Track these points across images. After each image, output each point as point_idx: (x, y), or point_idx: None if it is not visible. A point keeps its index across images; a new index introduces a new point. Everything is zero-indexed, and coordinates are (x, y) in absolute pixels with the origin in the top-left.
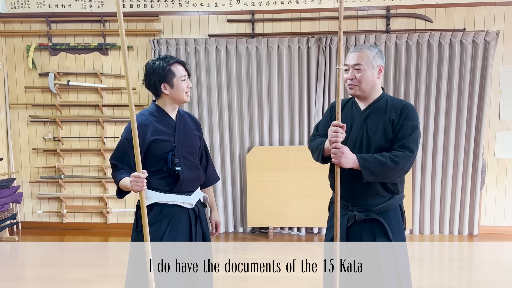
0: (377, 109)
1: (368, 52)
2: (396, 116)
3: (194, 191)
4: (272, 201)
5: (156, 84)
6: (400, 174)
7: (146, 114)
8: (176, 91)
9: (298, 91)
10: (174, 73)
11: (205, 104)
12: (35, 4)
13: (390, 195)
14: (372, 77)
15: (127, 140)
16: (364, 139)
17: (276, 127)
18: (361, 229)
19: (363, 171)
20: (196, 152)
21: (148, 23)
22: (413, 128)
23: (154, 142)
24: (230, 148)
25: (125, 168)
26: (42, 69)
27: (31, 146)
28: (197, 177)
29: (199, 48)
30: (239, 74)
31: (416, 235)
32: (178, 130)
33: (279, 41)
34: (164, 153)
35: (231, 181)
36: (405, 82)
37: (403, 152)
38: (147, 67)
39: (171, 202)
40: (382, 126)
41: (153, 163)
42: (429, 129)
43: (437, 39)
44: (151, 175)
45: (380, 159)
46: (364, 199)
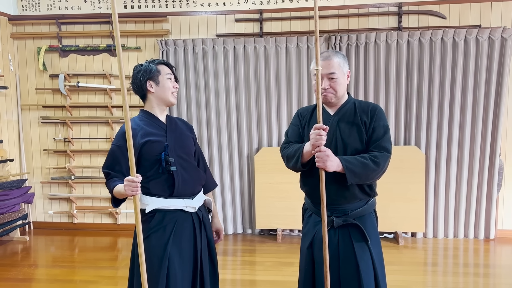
0: (348, 113)
1: (337, 59)
2: (368, 118)
3: (197, 194)
4: (281, 202)
5: (142, 81)
6: (380, 174)
7: (135, 120)
8: (161, 89)
9: (307, 90)
10: (159, 70)
11: (213, 104)
12: (45, 6)
13: (367, 198)
14: (344, 83)
15: (117, 147)
16: (339, 142)
17: (285, 128)
18: (338, 235)
19: (347, 173)
20: (191, 153)
21: (156, 24)
22: (385, 128)
23: (146, 144)
24: (238, 149)
25: (118, 175)
26: (52, 71)
27: (42, 147)
28: (196, 177)
29: (206, 48)
30: (247, 74)
31: (430, 238)
32: (170, 131)
33: (287, 40)
34: (157, 154)
35: (239, 183)
36: (418, 81)
37: (381, 153)
38: (135, 68)
39: (173, 206)
40: (355, 128)
41: (147, 166)
42: (443, 129)
43: (451, 36)
44: (148, 180)
45: (361, 160)
46: (342, 204)
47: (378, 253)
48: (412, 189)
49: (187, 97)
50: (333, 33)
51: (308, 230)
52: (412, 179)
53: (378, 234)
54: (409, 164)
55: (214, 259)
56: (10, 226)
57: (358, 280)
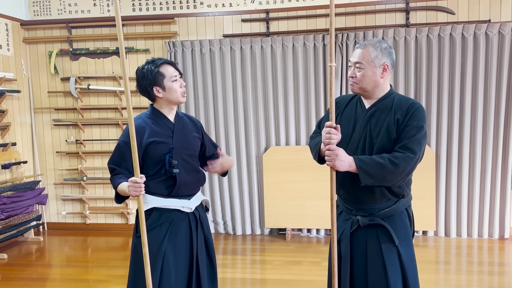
0: (382, 108)
1: (371, 49)
2: (402, 116)
3: (194, 195)
4: (290, 202)
5: (148, 89)
6: (400, 177)
7: (143, 117)
8: (169, 93)
9: (315, 89)
10: (163, 74)
11: (220, 104)
12: (56, 11)
13: (396, 199)
14: (374, 76)
15: (124, 143)
16: (367, 140)
17: (293, 127)
18: (366, 235)
19: (360, 174)
20: (195, 155)
21: (164, 26)
22: (418, 129)
23: (151, 144)
24: (246, 149)
25: (124, 172)
26: (63, 74)
27: (55, 149)
28: (197, 179)
29: (214, 49)
30: (254, 74)
31: (442, 237)
32: (176, 132)
33: (294, 39)
34: (162, 155)
35: (248, 182)
36: (426, 78)
37: (404, 154)
38: (137, 73)
39: (170, 206)
40: (386, 126)
41: (151, 166)
42: (453, 127)
43: (460, 31)
44: (150, 179)
45: (378, 161)
46: (368, 203)
47: (408, 254)
48: (422, 187)
49: (195, 98)
50: (339, 31)
51: (339, 227)
52: (422, 176)
53: (409, 234)
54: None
55: (213, 257)
56: (25, 227)
57: (385, 282)
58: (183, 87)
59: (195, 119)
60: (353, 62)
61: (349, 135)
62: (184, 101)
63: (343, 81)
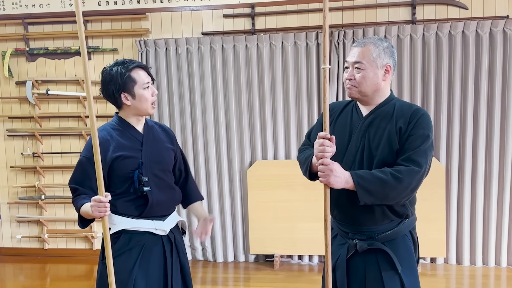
0: (382, 116)
1: (373, 48)
2: (405, 124)
3: (168, 215)
4: (278, 224)
5: (115, 94)
6: (405, 194)
7: (107, 128)
8: (139, 102)
9: (307, 95)
10: (135, 80)
11: (198, 113)
12: (10, 5)
13: (399, 220)
14: (375, 78)
15: (87, 159)
16: (366, 152)
17: (282, 138)
18: (364, 261)
19: (358, 192)
20: (169, 169)
21: (135, 22)
22: (423, 138)
23: (118, 159)
24: (229, 163)
25: (87, 192)
26: (19, 77)
27: (9, 163)
28: (171, 198)
29: (191, 48)
30: (237, 77)
31: (453, 265)
32: (146, 144)
33: (283, 37)
34: (130, 171)
35: (230, 202)
36: (435, 81)
37: (408, 167)
38: (103, 74)
39: (141, 228)
40: (386, 136)
41: (118, 183)
42: (466, 138)
43: (474, 29)
44: (117, 198)
45: (379, 176)
46: (367, 225)
47: (412, 283)
48: (430, 207)
49: (170, 105)
50: (336, 28)
51: (333, 252)
52: (431, 195)
53: (414, 260)
54: (426, 179)
55: (189, 285)
56: None
57: None
58: (154, 96)
59: (168, 128)
60: (352, 62)
61: (344, 147)
62: (152, 112)
63: (339, 85)
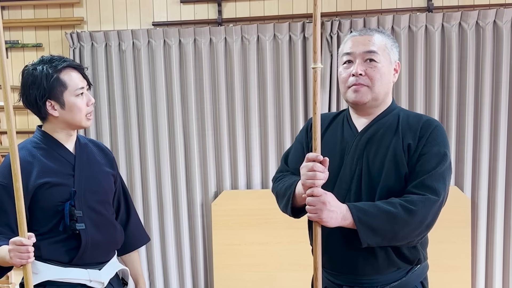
0: (384, 130)
1: (382, 37)
2: (414, 140)
3: (107, 263)
4: (252, 273)
5: (39, 102)
6: (419, 231)
7: (28, 147)
8: (69, 112)
9: (290, 104)
10: (65, 84)
11: (149, 127)
12: None
13: (408, 267)
14: (389, 76)
15: (3, 188)
16: (364, 178)
17: (257, 161)
18: None
19: (360, 230)
20: (108, 200)
21: (65, 10)
22: (439, 158)
23: (43, 188)
24: (188, 193)
25: (4, 230)
26: None
27: None
28: (111, 239)
29: (139, 43)
30: (199, 81)
31: None
32: (79, 168)
33: (259, 29)
34: (59, 203)
35: (190, 245)
36: (458, 86)
37: (422, 195)
38: (24, 75)
39: (72, 279)
40: (391, 156)
41: (42, 220)
42: (498, 160)
43: (510, 18)
44: (41, 238)
45: (386, 209)
46: (367, 275)
47: None
48: (451, 251)
49: (111, 116)
50: (328, 18)
51: None
52: (452, 236)
53: None
54: (447, 214)
55: None
56: None
57: None
58: (91, 105)
59: (105, 147)
60: (362, 52)
61: (335, 173)
62: (88, 125)
63: (333, 91)
